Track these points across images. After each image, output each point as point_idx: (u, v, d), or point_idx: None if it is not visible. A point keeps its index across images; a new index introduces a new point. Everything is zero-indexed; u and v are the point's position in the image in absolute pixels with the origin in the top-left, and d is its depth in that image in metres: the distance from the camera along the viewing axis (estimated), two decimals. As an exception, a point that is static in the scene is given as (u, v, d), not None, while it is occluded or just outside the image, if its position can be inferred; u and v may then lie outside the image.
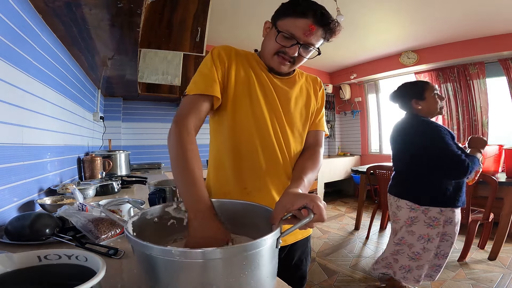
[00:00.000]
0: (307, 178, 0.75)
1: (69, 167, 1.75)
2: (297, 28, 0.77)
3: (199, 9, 1.99)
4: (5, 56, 0.92)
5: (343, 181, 5.25)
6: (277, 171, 0.86)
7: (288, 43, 0.79)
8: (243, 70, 0.86)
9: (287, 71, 0.87)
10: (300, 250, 0.96)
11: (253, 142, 0.84)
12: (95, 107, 2.55)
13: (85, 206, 0.84)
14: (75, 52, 1.67)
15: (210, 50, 0.86)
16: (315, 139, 0.96)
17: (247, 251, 0.42)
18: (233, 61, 0.85)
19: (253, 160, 0.85)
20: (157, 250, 0.41)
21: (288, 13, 0.79)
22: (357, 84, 5.38)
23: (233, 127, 0.85)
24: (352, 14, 2.99)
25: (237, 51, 0.88)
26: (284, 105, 0.88)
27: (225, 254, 0.41)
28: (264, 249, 0.44)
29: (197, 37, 2.04)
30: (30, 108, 1.13)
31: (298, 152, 0.92)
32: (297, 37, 0.78)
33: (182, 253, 0.40)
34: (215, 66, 0.82)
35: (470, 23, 3.28)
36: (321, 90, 1.00)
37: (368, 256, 2.60)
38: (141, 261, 0.45)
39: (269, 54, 0.84)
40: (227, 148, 0.86)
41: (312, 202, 0.54)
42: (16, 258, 0.37)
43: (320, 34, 0.79)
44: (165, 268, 0.42)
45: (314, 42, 0.80)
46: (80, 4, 1.06)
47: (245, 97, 0.84)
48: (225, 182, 0.87)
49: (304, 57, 0.83)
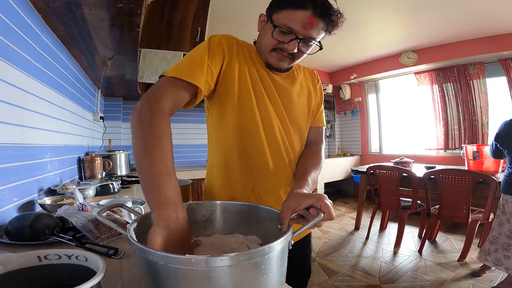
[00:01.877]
0: (310, 178, 0.73)
1: (69, 167, 1.75)
2: (295, 21, 0.69)
3: (199, 9, 1.99)
4: (5, 56, 0.92)
5: (343, 181, 5.24)
6: (284, 171, 0.85)
7: (286, 39, 0.72)
8: (246, 65, 0.79)
9: (286, 67, 0.82)
10: (303, 247, 0.97)
11: (260, 143, 0.81)
12: (95, 107, 2.55)
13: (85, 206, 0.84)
14: (75, 52, 1.67)
15: (209, 37, 0.77)
16: (317, 135, 0.94)
17: (261, 256, 0.39)
18: (234, 54, 0.77)
19: (261, 161, 0.81)
20: (158, 256, 0.37)
21: (284, 4, 0.71)
22: (357, 84, 5.38)
23: (239, 127, 0.79)
24: (352, 14, 2.99)
25: (239, 43, 0.81)
26: (286, 104, 0.85)
27: (233, 261, 0.36)
28: (277, 252, 0.41)
29: (197, 37, 2.04)
30: (30, 108, 1.13)
31: (300, 150, 0.91)
32: (295, 31, 0.70)
33: (182, 260, 0.36)
34: (210, 54, 0.72)
35: (470, 23, 3.28)
36: (319, 83, 0.97)
37: (368, 256, 2.60)
38: (143, 266, 0.41)
39: (266, 50, 0.78)
40: (233, 150, 0.81)
41: (319, 201, 0.54)
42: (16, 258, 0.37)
43: (321, 26, 0.71)
44: (167, 275, 0.38)
45: (315, 36, 0.72)
46: (80, 4, 1.06)
47: (250, 96, 0.78)
48: (232, 184, 0.83)
49: (304, 52, 0.77)
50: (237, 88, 0.77)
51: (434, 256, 2.55)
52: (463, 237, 2.47)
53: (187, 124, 3.85)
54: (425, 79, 4.37)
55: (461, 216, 2.40)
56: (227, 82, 0.77)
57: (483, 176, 2.29)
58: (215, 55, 0.73)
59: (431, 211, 2.68)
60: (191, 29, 2.02)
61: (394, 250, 2.72)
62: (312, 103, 0.93)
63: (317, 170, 0.81)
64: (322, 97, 0.98)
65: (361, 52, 4.43)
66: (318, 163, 0.84)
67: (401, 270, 2.29)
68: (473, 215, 2.40)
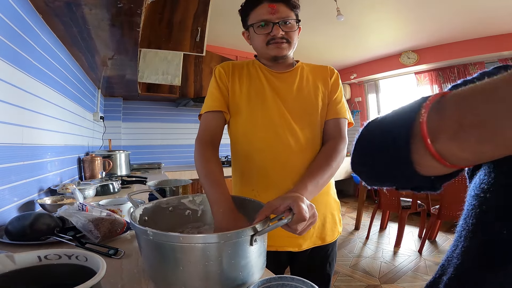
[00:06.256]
0: (312, 183, 0.74)
1: (69, 167, 1.75)
2: (262, 14, 0.83)
3: (199, 9, 1.99)
4: (5, 56, 0.92)
5: (343, 181, 5.23)
6: (283, 170, 0.87)
7: (267, 29, 0.84)
8: (242, 80, 0.92)
9: (287, 53, 0.88)
10: (320, 255, 0.96)
11: (254, 145, 0.89)
12: (95, 107, 2.55)
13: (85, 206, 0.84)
14: (75, 52, 1.67)
15: (213, 71, 0.96)
16: (334, 129, 0.91)
17: (224, 240, 0.45)
18: (230, 75, 0.92)
19: (258, 161, 0.89)
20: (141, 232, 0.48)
21: (248, 10, 0.86)
22: (357, 84, 5.38)
23: (233, 134, 0.94)
24: (352, 14, 2.99)
25: (234, 64, 0.95)
26: (286, 102, 0.89)
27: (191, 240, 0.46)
28: (230, 243, 0.46)
29: (197, 37, 2.04)
30: (30, 108, 1.13)
31: (314, 143, 0.90)
32: (268, 19, 0.83)
33: (158, 235, 0.46)
34: (218, 84, 0.91)
35: (470, 23, 3.28)
36: (333, 77, 0.96)
37: (368, 256, 2.60)
38: (142, 244, 0.51)
39: (263, 49, 0.88)
40: (235, 153, 0.96)
41: (294, 202, 0.56)
42: (16, 258, 0.37)
43: (285, 7, 0.83)
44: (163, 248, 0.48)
45: (285, 16, 0.83)
46: (80, 4, 1.06)
47: (245, 105, 0.90)
48: (235, 184, 0.97)
49: (291, 31, 0.85)
50: (237, 100, 0.91)
51: (434, 256, 2.55)
52: (463, 237, 2.47)
53: (186, 124, 3.85)
54: (425, 79, 4.37)
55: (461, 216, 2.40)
56: (233, 98, 0.92)
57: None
58: (220, 84, 0.91)
59: (431, 211, 2.68)
60: (191, 29, 2.02)
61: (394, 250, 2.72)
62: (320, 96, 0.92)
63: (327, 171, 0.80)
64: (338, 90, 0.95)
65: (361, 52, 4.43)
66: (327, 165, 0.82)
67: (401, 270, 2.29)
68: (473, 215, 2.40)
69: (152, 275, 0.51)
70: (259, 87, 0.91)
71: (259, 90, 0.90)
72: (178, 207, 0.72)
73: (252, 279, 0.50)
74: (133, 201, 0.66)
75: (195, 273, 0.46)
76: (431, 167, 0.29)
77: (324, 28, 3.40)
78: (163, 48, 2.02)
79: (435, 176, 0.31)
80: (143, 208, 0.64)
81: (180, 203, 0.73)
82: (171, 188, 1.09)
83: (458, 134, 0.24)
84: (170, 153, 3.81)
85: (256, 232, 0.48)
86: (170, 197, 0.74)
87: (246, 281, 0.49)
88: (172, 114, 3.80)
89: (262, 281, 0.46)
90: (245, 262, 0.48)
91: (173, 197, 0.73)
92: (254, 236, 0.47)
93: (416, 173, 0.30)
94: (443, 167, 0.27)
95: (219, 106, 0.89)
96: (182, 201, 0.73)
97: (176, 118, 3.81)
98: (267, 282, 0.47)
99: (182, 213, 0.73)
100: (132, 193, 0.70)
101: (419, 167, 0.29)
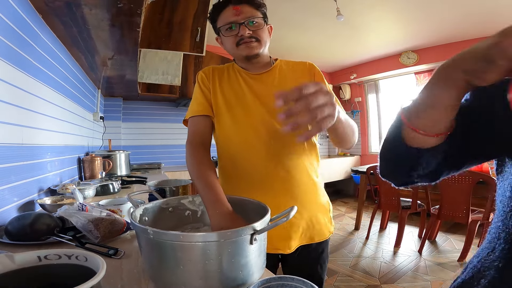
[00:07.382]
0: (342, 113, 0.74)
1: (69, 167, 1.75)
2: (228, 17, 0.85)
3: (199, 9, 1.99)
4: (5, 56, 0.92)
5: (343, 181, 5.24)
6: (266, 172, 0.87)
7: (235, 31, 0.85)
8: (223, 83, 0.94)
9: (258, 51, 0.88)
10: (311, 256, 0.96)
11: (237, 147, 0.91)
12: (95, 107, 2.55)
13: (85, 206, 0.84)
14: (75, 52, 1.67)
15: (196, 76, 0.98)
16: None
17: (223, 239, 0.46)
18: (211, 79, 0.95)
19: (241, 164, 0.90)
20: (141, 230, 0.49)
21: (215, 15, 0.89)
22: (357, 84, 5.38)
23: (217, 138, 0.95)
24: (352, 14, 2.99)
25: (215, 69, 0.97)
26: (266, 104, 0.89)
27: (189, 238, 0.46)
28: (230, 241, 0.46)
29: (197, 37, 2.03)
30: (30, 108, 1.13)
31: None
32: (234, 21, 0.84)
33: (159, 233, 0.46)
34: (201, 89, 0.93)
35: (470, 23, 3.28)
36: (315, 72, 0.95)
37: (368, 256, 2.60)
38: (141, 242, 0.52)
39: (234, 50, 0.89)
40: (220, 155, 0.97)
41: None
42: (16, 258, 0.37)
43: (249, 7, 0.84)
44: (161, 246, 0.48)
45: (251, 15, 0.84)
46: (80, 4, 1.06)
47: (226, 109, 0.91)
48: (221, 186, 0.94)
49: (258, 29, 0.86)
50: (216, 104, 0.93)
51: (434, 256, 2.55)
52: (463, 237, 2.47)
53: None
54: (425, 79, 4.37)
55: (461, 216, 2.40)
56: (215, 102, 0.93)
57: (483, 176, 2.29)
58: (203, 88, 0.94)
59: (431, 211, 2.68)
60: (191, 29, 2.02)
61: (394, 250, 2.72)
62: None
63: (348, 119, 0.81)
64: (322, 81, 0.93)
65: (361, 52, 4.44)
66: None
67: (401, 270, 2.29)
68: (473, 215, 2.40)
69: (152, 274, 0.51)
70: (239, 91, 0.92)
71: (239, 94, 0.92)
72: (178, 208, 0.73)
73: (252, 278, 0.50)
74: (133, 201, 0.67)
75: (195, 272, 0.46)
76: (414, 138, 0.43)
77: (324, 28, 3.41)
78: (163, 48, 2.02)
79: (425, 149, 0.43)
80: (143, 208, 0.65)
81: (180, 203, 0.73)
82: (171, 188, 1.09)
83: (416, 114, 0.43)
84: (170, 153, 3.81)
85: (256, 231, 0.48)
86: (170, 197, 0.74)
87: (246, 280, 0.49)
88: (172, 114, 3.81)
89: (262, 281, 0.46)
90: (245, 261, 0.48)
91: (173, 197, 0.74)
92: (254, 235, 0.47)
93: (408, 147, 0.44)
94: (419, 135, 0.42)
95: (203, 110, 0.91)
96: (182, 201, 0.74)
97: (176, 118, 3.81)
98: (267, 282, 0.47)
99: (182, 214, 0.73)
100: (132, 193, 0.70)
101: (408, 142, 0.44)
